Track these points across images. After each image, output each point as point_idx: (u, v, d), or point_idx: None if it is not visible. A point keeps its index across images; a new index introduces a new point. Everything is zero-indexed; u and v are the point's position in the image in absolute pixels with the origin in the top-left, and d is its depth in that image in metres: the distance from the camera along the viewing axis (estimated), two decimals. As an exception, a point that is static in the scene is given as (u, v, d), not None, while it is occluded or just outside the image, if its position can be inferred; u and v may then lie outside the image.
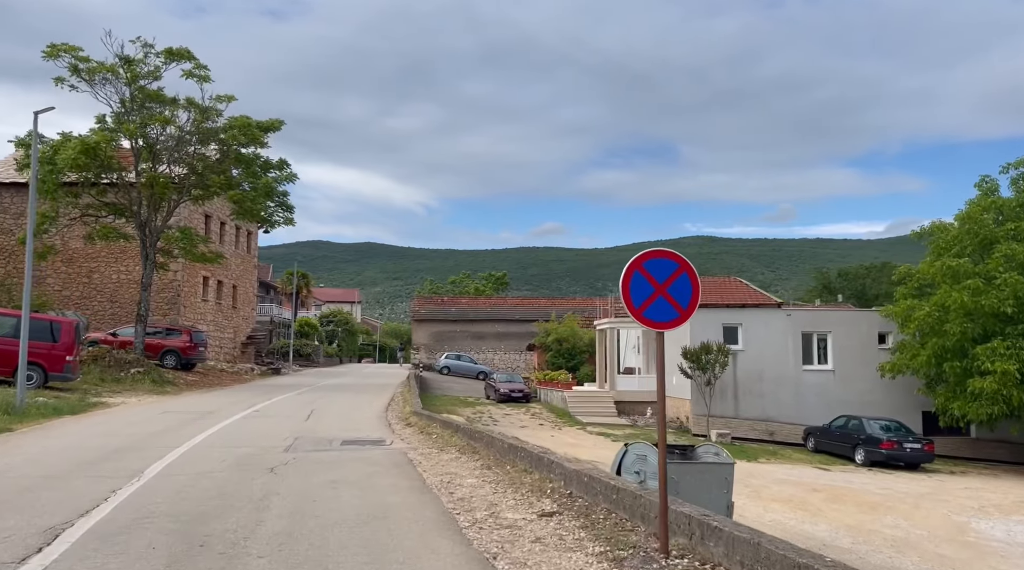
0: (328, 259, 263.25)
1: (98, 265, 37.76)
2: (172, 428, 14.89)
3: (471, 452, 11.72)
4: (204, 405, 20.70)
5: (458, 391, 41.61)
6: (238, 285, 44.99)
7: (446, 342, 54.57)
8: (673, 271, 6.54)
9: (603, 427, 29.65)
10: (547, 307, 55.36)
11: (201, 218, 39.72)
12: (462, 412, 30.61)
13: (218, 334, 42.01)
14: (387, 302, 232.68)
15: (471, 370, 50.29)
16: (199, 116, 28.32)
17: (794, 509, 16.02)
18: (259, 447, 12.32)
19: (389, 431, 15.25)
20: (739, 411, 28.92)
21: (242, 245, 45.85)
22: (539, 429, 28.62)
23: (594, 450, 24.27)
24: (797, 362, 29.01)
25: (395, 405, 22.05)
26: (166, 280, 37.60)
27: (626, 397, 32.82)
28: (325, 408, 20.37)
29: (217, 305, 42.01)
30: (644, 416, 32.19)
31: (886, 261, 78.97)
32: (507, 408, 33.79)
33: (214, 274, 41.43)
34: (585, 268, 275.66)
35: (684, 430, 29.36)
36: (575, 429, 28.97)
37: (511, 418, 30.87)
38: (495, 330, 54.49)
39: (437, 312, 56.12)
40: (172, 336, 31.86)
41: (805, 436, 27.29)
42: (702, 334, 28.71)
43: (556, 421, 30.59)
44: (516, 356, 54.04)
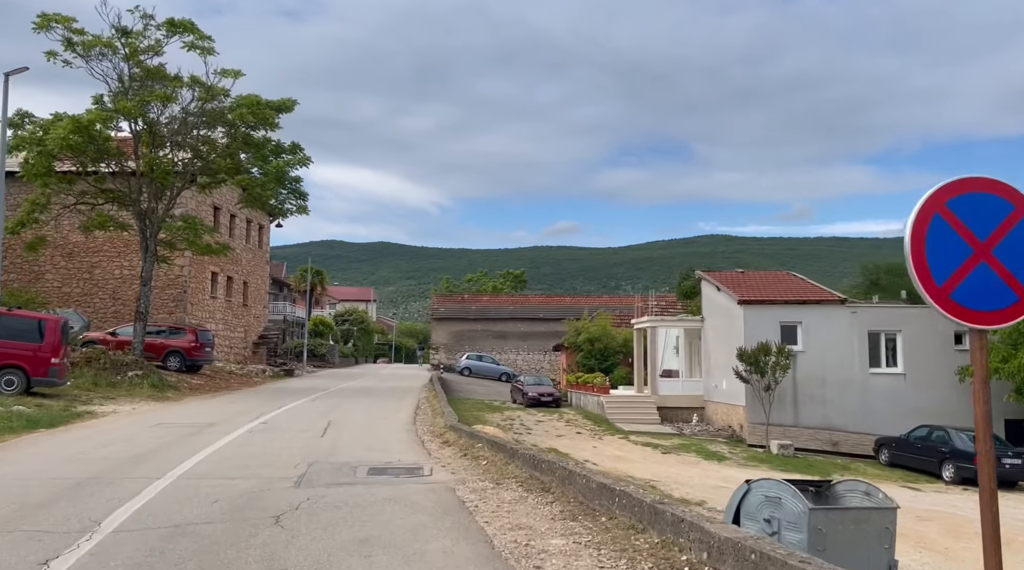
0: (341, 258, 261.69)
1: (100, 260, 35.18)
2: (160, 448, 12.11)
3: (540, 489, 8.84)
4: (205, 415, 17.94)
5: (482, 394, 38.78)
6: (249, 282, 42.34)
7: (466, 342, 51.78)
8: (1005, 217, 3.53)
9: (647, 436, 26.73)
10: (572, 305, 52.44)
11: (209, 210, 37.06)
12: (490, 419, 27.79)
13: (228, 333, 39.36)
14: (400, 302, 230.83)
15: (493, 371, 47.50)
16: (204, 94, 25.59)
17: (916, 547, 13.04)
18: (263, 479, 9.50)
19: (423, 452, 12.39)
20: (799, 419, 25.92)
21: (253, 240, 43.20)
22: (578, 438, 25.72)
23: (646, 465, 21.36)
24: (863, 364, 25.97)
25: (423, 415, 19.20)
26: (172, 276, 34.98)
27: (669, 402, 29.88)
28: (344, 419, 17.54)
29: (227, 303, 39.37)
30: (690, 423, 29.25)
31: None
32: (538, 414, 30.91)
33: (223, 270, 38.79)
34: (599, 267, 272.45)
35: (737, 439, 26.39)
36: (617, 438, 26.06)
37: (544, 425, 28.00)
38: (518, 329, 51.63)
39: (457, 310, 53.33)
40: (176, 336, 29.18)
41: (877, 448, 24.25)
42: (757, 333, 25.76)
43: (594, 429, 27.69)
44: (540, 357, 51.15)
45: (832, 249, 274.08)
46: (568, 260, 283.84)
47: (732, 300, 27.02)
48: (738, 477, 20.79)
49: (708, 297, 29.87)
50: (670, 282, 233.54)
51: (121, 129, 26.23)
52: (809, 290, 27.66)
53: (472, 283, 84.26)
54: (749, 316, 26.09)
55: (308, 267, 47.03)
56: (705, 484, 18.53)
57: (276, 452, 11.81)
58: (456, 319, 52.26)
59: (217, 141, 27.09)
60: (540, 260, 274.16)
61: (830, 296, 26.70)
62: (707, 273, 30.56)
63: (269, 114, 25.54)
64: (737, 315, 26.68)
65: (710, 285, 29.34)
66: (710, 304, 29.62)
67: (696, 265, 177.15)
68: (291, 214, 26.95)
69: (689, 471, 20.65)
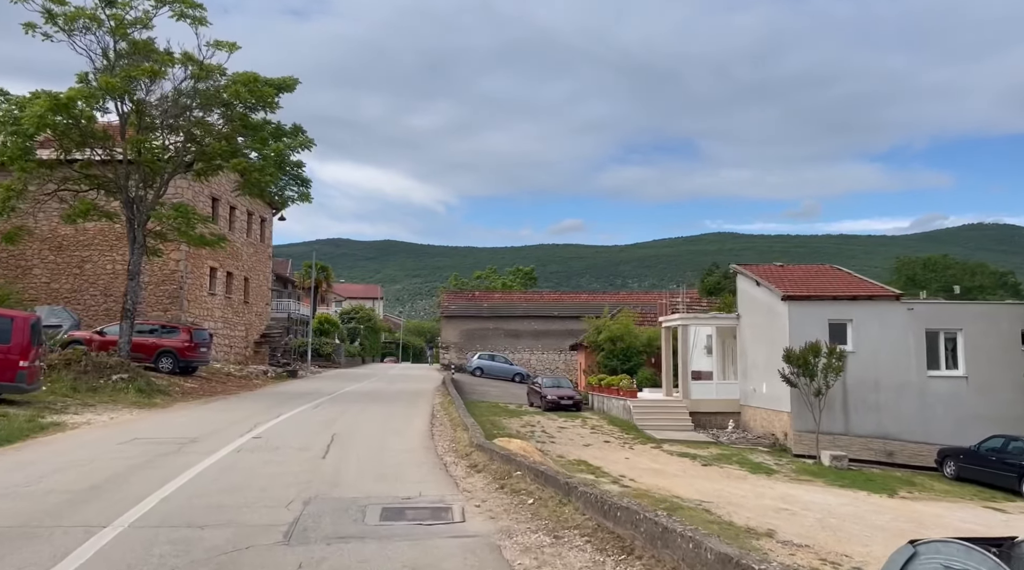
0: (348, 257, 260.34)
1: (91, 254, 32.86)
2: (123, 475, 9.71)
3: (619, 549, 6.37)
4: (191, 426, 15.54)
5: (495, 396, 36.36)
6: (250, 277, 39.98)
7: (478, 341, 49.34)
8: None
9: (681, 444, 24.28)
10: (588, 302, 49.93)
11: (207, 201, 34.69)
12: (509, 424, 25.39)
13: (227, 332, 37.02)
14: (407, 300, 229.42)
15: (506, 372, 45.08)
16: (197, 70, 23.18)
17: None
18: (243, 528, 7.08)
19: (448, 480, 9.94)
20: (849, 426, 23.41)
21: (255, 233, 40.83)
22: (606, 448, 23.27)
23: (689, 480, 18.88)
24: (920, 366, 23.44)
25: (440, 425, 16.75)
26: (167, 271, 32.65)
27: (702, 407, 27.40)
28: (350, 431, 15.11)
29: (226, 300, 37.02)
30: (725, 430, 26.77)
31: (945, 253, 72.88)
32: (558, 419, 28.47)
33: (223, 265, 36.44)
34: (605, 265, 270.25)
35: (781, 449, 23.90)
36: (650, 448, 23.60)
37: (568, 432, 25.55)
38: (531, 328, 49.15)
39: (468, 308, 50.87)
40: (169, 334, 26.82)
41: (940, 459, 21.73)
42: (803, 332, 23.27)
43: (623, 437, 25.23)
44: (555, 356, 48.69)
45: (840, 246, 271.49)
46: (574, 258, 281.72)
47: (774, 296, 24.54)
48: (796, 495, 18.34)
49: (745, 293, 27.39)
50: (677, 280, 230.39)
51: (107, 110, 23.84)
52: (859, 285, 25.13)
53: (481, 280, 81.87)
54: (794, 313, 23.60)
55: (312, 262, 44.69)
56: (763, 506, 16.04)
57: (265, 483, 9.38)
58: (467, 317, 49.82)
59: (213, 124, 24.71)
60: (546, 258, 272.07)
61: (883, 291, 24.16)
62: (744, 267, 28.04)
63: (268, 92, 23.12)
64: (780, 312, 24.19)
65: (747, 280, 26.85)
66: (747, 300, 27.14)
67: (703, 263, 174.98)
68: (293, 202, 24.55)
69: (739, 488, 18.16)
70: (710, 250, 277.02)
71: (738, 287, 28.15)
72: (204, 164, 25.20)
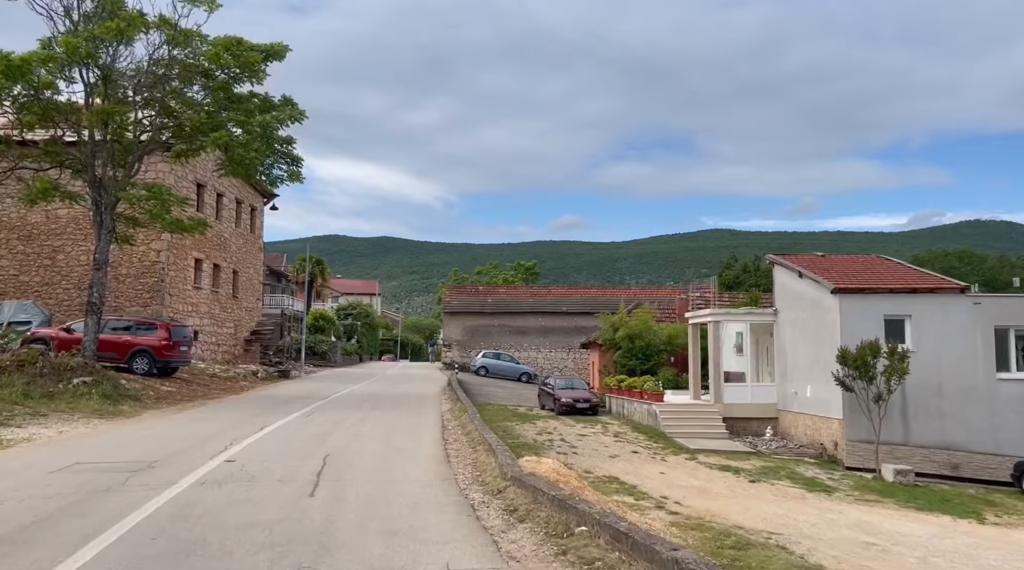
0: (345, 253, 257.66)
1: (63, 244, 29.93)
2: (25, 529, 6.88)
3: None
4: (153, 443, 12.71)
5: (502, 397, 33.59)
6: (240, 270, 37.07)
7: (481, 338, 46.51)
8: None
9: (718, 455, 21.51)
10: (599, 297, 47.17)
11: (191, 187, 31.76)
12: (523, 432, 22.64)
13: (214, 329, 34.14)
14: (404, 296, 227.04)
15: (512, 371, 42.29)
16: (172, 34, 20.29)
17: None
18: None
19: (483, 536, 7.11)
20: (908, 436, 20.66)
21: (244, 223, 37.89)
22: (635, 460, 20.47)
23: (741, 502, 16.09)
24: (989, 368, 20.70)
25: (456, 442, 13.91)
26: (147, 263, 29.76)
27: (735, 412, 24.64)
28: (346, 453, 12.25)
29: (213, 294, 34.12)
30: (763, 438, 24.02)
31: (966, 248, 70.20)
32: (576, 424, 25.68)
33: (209, 256, 33.53)
34: (603, 261, 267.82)
35: (830, 460, 21.15)
36: (683, 459, 20.81)
37: (589, 441, 22.75)
38: (538, 324, 46.33)
39: (471, 303, 48.00)
40: (144, 332, 23.94)
41: (1018, 474, 18.99)
42: (857, 329, 20.52)
43: (651, 446, 22.43)
44: (563, 355, 45.89)
45: (837, 243, 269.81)
46: (572, 255, 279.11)
47: (822, 289, 21.77)
48: (874, 523, 15.51)
49: (784, 286, 24.62)
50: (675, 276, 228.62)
51: (72, 78, 20.94)
52: (916, 276, 22.37)
53: (482, 276, 79.06)
54: (847, 308, 20.83)
55: (307, 255, 41.66)
56: (843, 539, 13.26)
57: (230, 540, 6.55)
58: (470, 313, 46.99)
59: (192, 98, 21.82)
60: (544, 255, 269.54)
61: (945, 283, 21.41)
62: (783, 257, 25.26)
63: (253, 58, 20.24)
64: (829, 307, 21.43)
65: (787, 271, 24.08)
66: (786, 294, 24.39)
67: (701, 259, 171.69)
68: (282, 182, 21.68)
69: (804, 513, 15.37)
70: (708, 247, 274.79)
71: (775, 280, 25.38)
72: (184, 144, 22.32)
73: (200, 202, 32.74)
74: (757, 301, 30.26)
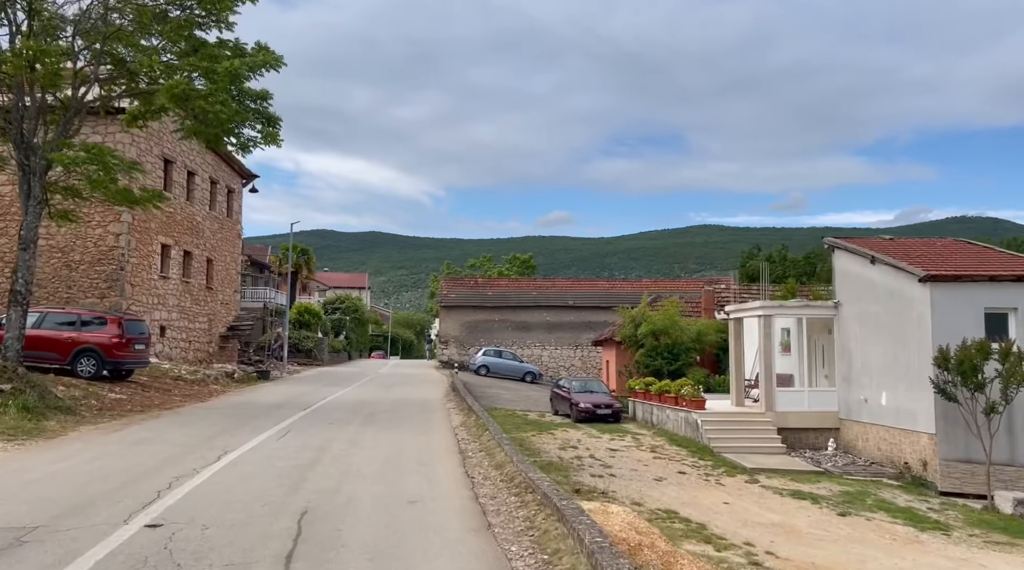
0: (332, 248, 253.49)
1: (7, 225, 25.71)
2: None
3: None
4: (50, 489, 8.65)
5: (509, 400, 29.64)
6: (215, 259, 32.87)
7: (481, 334, 42.53)
8: None
9: (781, 476, 17.67)
10: (610, 291, 43.29)
11: (157, 163, 27.55)
12: (543, 445, 18.71)
13: (185, 324, 29.97)
14: (392, 292, 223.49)
15: (516, 370, 38.36)
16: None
17: None
18: None
19: None
20: (1015, 455, 16.91)
21: (220, 206, 33.67)
22: (686, 482, 16.58)
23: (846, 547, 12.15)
24: (1109, 372, 16.94)
25: (487, 482, 9.90)
26: (103, 248, 25.61)
27: (790, 422, 20.84)
28: (333, 510, 8.21)
29: (183, 285, 29.94)
30: (824, 452, 20.24)
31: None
32: (600, 434, 21.78)
33: (179, 241, 29.35)
34: (592, 257, 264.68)
35: (918, 482, 17.35)
36: (742, 481, 16.96)
37: (623, 457, 18.82)
38: (543, 319, 42.41)
39: (470, 296, 43.96)
40: (92, 327, 19.82)
41: None
42: (953, 325, 16.74)
43: (698, 464, 18.53)
44: (570, 352, 42.01)
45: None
46: (561, 250, 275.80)
47: (903, 277, 18.00)
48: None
49: (848, 274, 20.84)
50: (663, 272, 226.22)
51: None
52: (1018, 262, 18.63)
53: (475, 270, 75.03)
54: (940, 299, 17.05)
55: (289, 243, 37.39)
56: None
57: None
58: (469, 307, 42.99)
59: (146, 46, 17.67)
60: (533, 250, 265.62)
61: (1054, 270, 17.67)
62: (848, 240, 21.45)
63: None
64: (914, 298, 17.66)
65: (854, 257, 20.29)
66: (852, 283, 20.61)
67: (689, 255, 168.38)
68: (256, 145, 17.59)
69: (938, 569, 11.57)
70: (696, 242, 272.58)
71: (836, 267, 21.58)
72: (139, 104, 18.16)
73: (167, 181, 28.55)
74: (794, 293, 26.61)
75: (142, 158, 26.40)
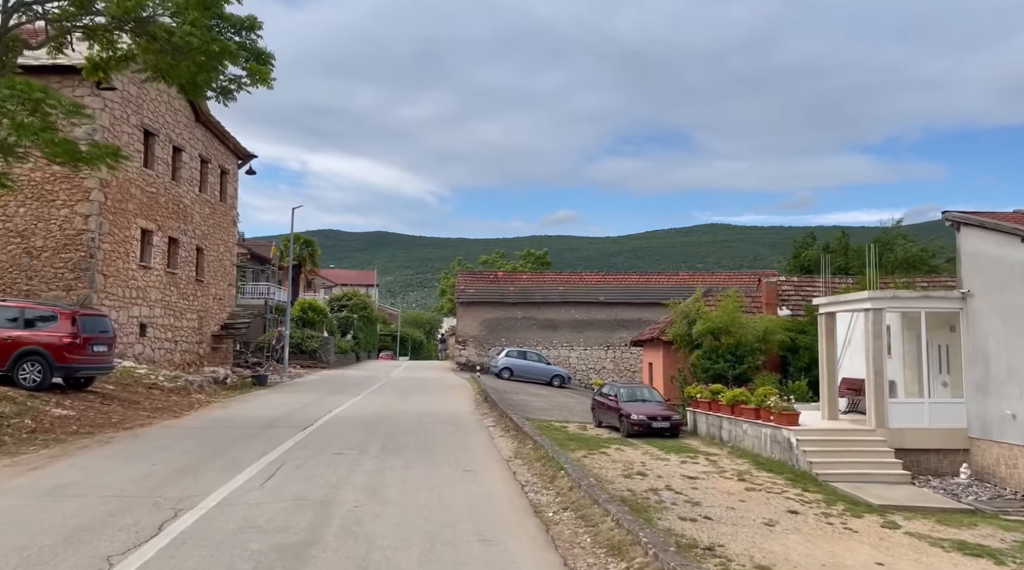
0: (338, 248, 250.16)
1: (-45, 205, 21.52)
2: None
3: None
4: None
5: (540, 409, 25.40)
6: (206, 248, 28.64)
7: (502, 333, 38.24)
8: None
9: (923, 516, 13.30)
10: (643, 285, 38.96)
11: (135, 134, 23.34)
12: (601, 470, 14.41)
13: (170, 322, 25.75)
14: (399, 291, 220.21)
15: (541, 373, 34.09)
16: None
17: None
18: None
19: None
20: None
21: (212, 189, 29.42)
22: (805, 527, 12.12)
23: None
24: None
25: None
26: (70, 232, 21.43)
27: (907, 441, 16.51)
28: None
29: (169, 276, 25.73)
30: (955, 480, 15.93)
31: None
32: (665, 453, 17.40)
33: (162, 226, 25.13)
34: (598, 257, 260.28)
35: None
36: (876, 524, 12.60)
37: (706, 488, 14.41)
38: (571, 317, 38.09)
39: (490, 292, 39.63)
40: (39, 325, 15.61)
41: None
42: None
43: (805, 498, 14.15)
44: (601, 353, 37.70)
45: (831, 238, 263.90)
46: (567, 250, 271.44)
47: (1077, 258, 13.71)
48: None
49: (983, 258, 16.56)
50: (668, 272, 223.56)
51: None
52: None
53: (488, 266, 70.62)
54: None
55: (291, 234, 33.00)
56: None
57: None
58: (489, 303, 38.69)
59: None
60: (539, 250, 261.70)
61: None
62: (981, 215, 17.14)
63: None
64: (1096, 286, 13.37)
65: (995, 236, 16.00)
66: (989, 269, 16.33)
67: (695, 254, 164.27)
68: (241, 87, 13.40)
69: None
70: (702, 241, 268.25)
71: (962, 249, 17.26)
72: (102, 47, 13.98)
73: (148, 156, 24.35)
74: (874, 284, 22.34)
75: (116, 127, 22.23)
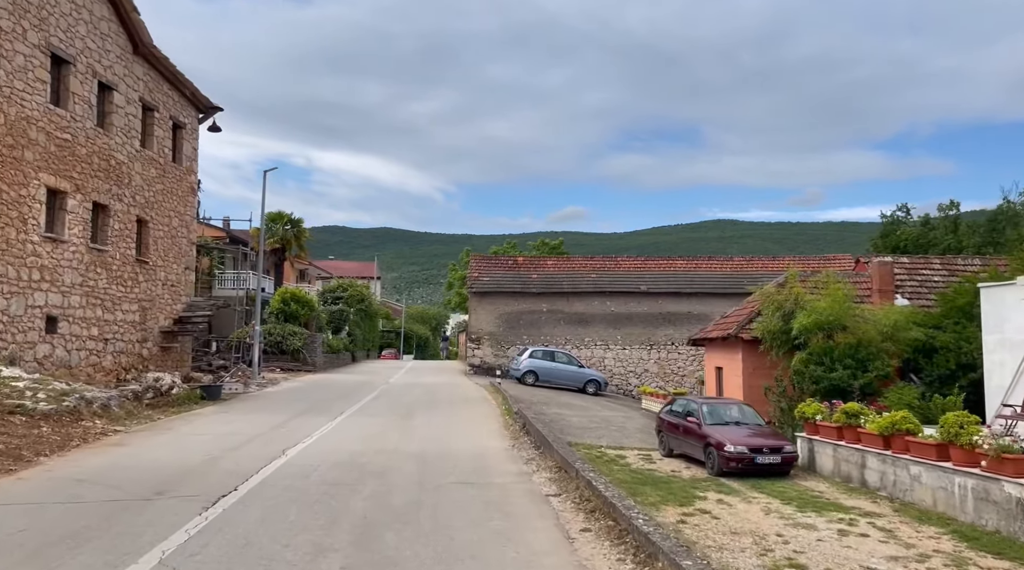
0: (344, 244, 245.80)
1: None
2: None
3: None
4: None
5: (579, 427, 18.78)
6: (151, 220, 22.09)
7: (523, 329, 31.71)
8: None
9: None
10: (691, 272, 32.35)
11: (37, 55, 16.81)
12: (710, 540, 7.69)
13: (95, 314, 19.22)
14: (404, 288, 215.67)
15: (573, 377, 27.58)
16: None
17: None
18: None
19: None
20: None
21: (161, 145, 22.82)
22: None
23: None
24: None
25: None
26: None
27: None
28: None
29: (93, 254, 19.21)
30: None
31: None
32: (794, 508, 10.70)
33: (81, 187, 18.58)
34: (605, 252, 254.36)
35: None
36: None
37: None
38: (606, 310, 31.53)
39: (509, 280, 33.01)
40: None
41: None
42: None
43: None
44: (643, 354, 31.13)
45: (841, 234, 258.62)
46: (575, 245, 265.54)
47: None
48: None
49: None
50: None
51: None
52: None
53: (499, 256, 63.86)
54: None
55: (262, 201, 25.82)
56: None
57: None
58: (508, 293, 32.12)
59: None
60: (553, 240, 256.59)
61: None
62: None
63: None
64: None
65: None
66: None
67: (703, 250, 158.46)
68: None
69: None
70: (710, 237, 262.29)
71: None
72: None
73: (59, 90, 17.82)
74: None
75: (7, 45, 15.70)
